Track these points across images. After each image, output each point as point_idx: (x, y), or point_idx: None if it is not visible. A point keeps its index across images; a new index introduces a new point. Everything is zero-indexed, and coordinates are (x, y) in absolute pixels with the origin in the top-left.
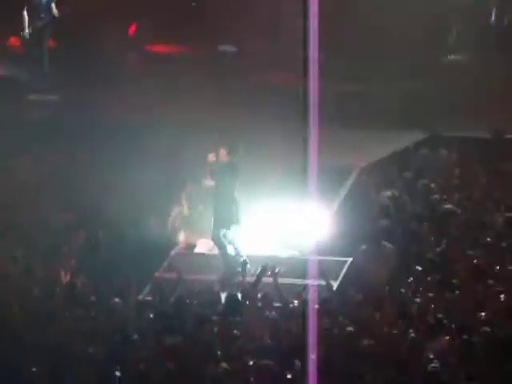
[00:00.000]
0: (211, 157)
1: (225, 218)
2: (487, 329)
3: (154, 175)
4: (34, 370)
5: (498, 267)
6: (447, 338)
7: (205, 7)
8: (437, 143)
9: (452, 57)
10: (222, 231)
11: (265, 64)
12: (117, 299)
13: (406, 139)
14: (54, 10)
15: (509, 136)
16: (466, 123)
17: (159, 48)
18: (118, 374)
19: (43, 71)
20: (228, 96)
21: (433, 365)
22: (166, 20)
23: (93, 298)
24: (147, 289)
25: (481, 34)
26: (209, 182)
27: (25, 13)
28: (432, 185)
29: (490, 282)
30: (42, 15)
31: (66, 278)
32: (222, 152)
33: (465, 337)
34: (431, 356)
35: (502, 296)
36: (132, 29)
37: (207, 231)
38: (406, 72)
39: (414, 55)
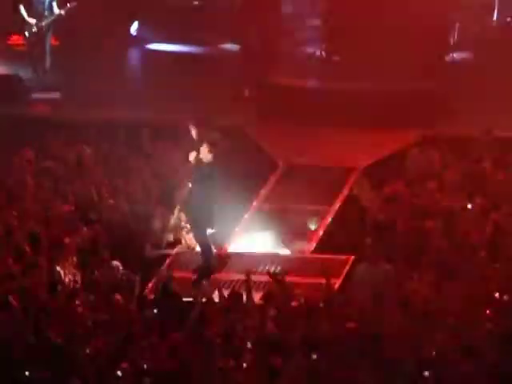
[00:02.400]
0: (191, 156)
1: (204, 219)
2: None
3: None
4: (35, 366)
5: None
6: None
7: (207, 5)
8: (435, 143)
9: (452, 56)
10: (202, 231)
11: (265, 62)
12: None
13: (404, 139)
14: (56, 9)
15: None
16: (463, 122)
17: (161, 46)
18: (119, 373)
19: (45, 69)
20: (230, 93)
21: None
22: (168, 18)
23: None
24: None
25: (481, 33)
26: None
27: (24, 12)
28: (431, 184)
29: None
30: (45, 13)
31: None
32: (202, 151)
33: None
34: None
35: None
36: (134, 27)
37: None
38: (404, 71)
39: (413, 54)
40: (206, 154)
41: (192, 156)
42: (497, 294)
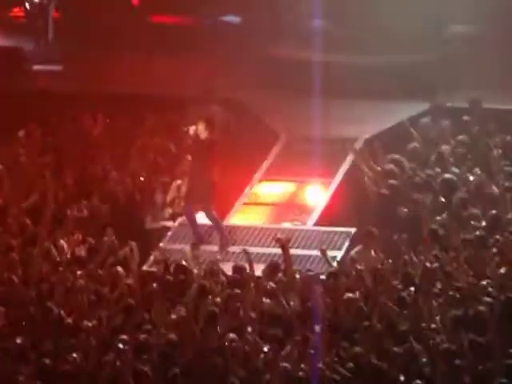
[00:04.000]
0: (189, 131)
1: (198, 194)
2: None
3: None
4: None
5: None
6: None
7: None
8: (440, 114)
9: (455, 28)
10: (193, 205)
11: (268, 35)
12: (119, 268)
13: (408, 110)
14: None
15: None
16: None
17: (162, 18)
18: (120, 346)
19: (47, 42)
20: (230, 67)
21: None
22: None
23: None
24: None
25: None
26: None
27: None
28: (435, 156)
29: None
30: None
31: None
32: (200, 127)
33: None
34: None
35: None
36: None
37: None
38: (408, 44)
39: (416, 27)
40: (203, 130)
41: (190, 131)
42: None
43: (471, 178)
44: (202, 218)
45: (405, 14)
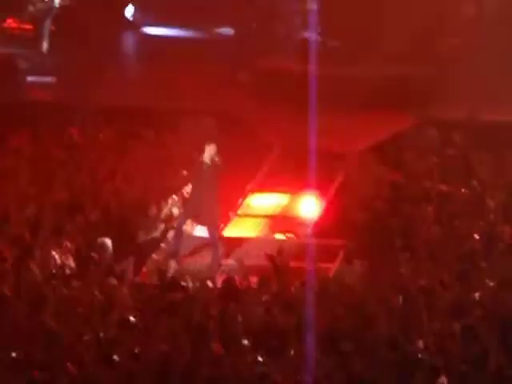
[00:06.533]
0: (196, 155)
1: (195, 213)
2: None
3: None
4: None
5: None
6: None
7: None
8: (432, 126)
9: (450, 41)
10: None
11: (261, 47)
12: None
13: (401, 122)
14: None
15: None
16: (460, 107)
17: (156, 30)
18: (115, 357)
19: (41, 53)
20: (223, 78)
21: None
22: (163, 1)
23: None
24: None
25: (476, 20)
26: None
27: None
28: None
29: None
30: None
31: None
32: (207, 152)
33: None
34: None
35: None
36: (129, 11)
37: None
38: (402, 56)
39: (411, 39)
40: (213, 154)
41: (204, 155)
42: None
43: (464, 190)
44: (198, 231)
45: (400, 26)
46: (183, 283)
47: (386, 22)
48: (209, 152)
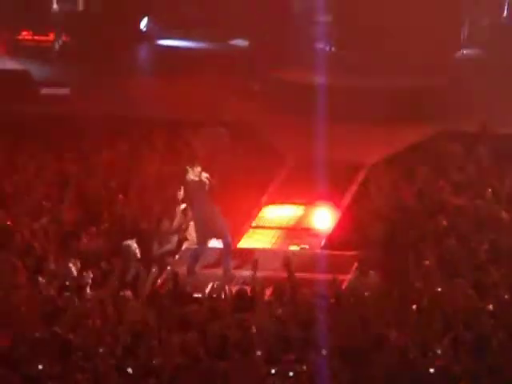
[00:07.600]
0: (186, 172)
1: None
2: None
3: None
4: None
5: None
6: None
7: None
8: (448, 138)
9: (464, 52)
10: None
11: (275, 58)
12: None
13: (416, 134)
14: None
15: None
16: (477, 119)
17: (170, 41)
18: (129, 370)
19: (54, 65)
20: (237, 90)
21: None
22: (177, 14)
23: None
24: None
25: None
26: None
27: None
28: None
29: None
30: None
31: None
32: (196, 169)
33: None
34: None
35: None
36: (143, 22)
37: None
38: (417, 68)
39: (425, 51)
40: (197, 171)
41: (188, 176)
42: None
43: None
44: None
45: (414, 38)
46: (197, 295)
47: (401, 33)
48: (192, 172)
